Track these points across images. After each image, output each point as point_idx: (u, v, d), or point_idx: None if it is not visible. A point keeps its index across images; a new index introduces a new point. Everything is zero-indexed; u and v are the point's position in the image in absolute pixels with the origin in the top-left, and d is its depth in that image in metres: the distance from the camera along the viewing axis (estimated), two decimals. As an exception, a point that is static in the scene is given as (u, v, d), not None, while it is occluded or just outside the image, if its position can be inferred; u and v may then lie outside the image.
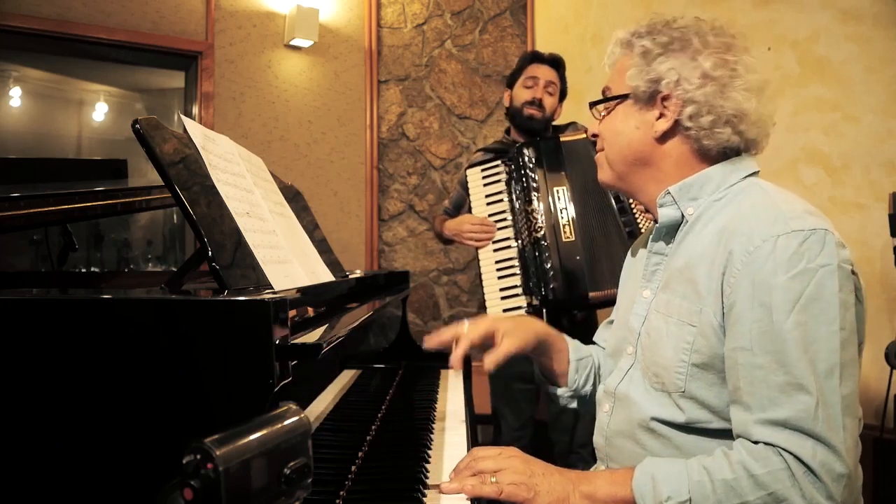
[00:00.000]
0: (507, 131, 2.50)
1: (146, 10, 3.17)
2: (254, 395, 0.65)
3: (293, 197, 1.38)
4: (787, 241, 0.88)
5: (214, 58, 3.30)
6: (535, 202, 2.06)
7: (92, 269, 3.92)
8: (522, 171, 2.08)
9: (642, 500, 0.89)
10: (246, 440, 0.56)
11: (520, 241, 2.09)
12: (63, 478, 0.67)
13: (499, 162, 2.15)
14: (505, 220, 2.14)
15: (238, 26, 3.37)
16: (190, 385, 0.66)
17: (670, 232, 1.07)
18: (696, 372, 0.95)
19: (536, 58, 2.40)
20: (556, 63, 2.37)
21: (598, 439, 1.14)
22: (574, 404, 1.27)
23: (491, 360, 1.11)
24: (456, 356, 1.11)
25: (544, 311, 2.03)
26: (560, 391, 1.26)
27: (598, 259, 2.00)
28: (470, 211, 2.23)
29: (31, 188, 1.47)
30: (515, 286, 2.08)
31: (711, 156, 1.04)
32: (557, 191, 2.05)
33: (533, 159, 2.08)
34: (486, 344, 1.15)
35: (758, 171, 1.05)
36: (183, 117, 1.00)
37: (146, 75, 4.35)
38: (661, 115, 1.04)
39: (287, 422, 0.62)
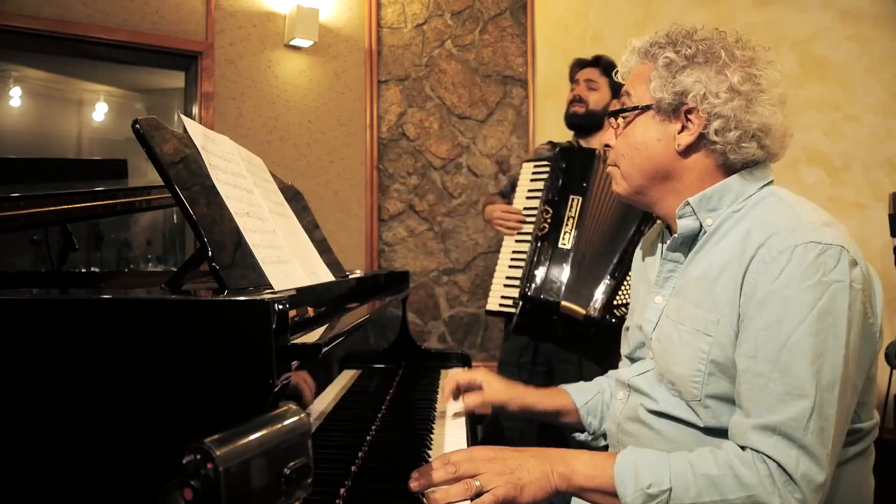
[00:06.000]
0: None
1: (146, 10, 3.17)
2: (254, 395, 0.65)
3: (293, 197, 1.38)
4: (804, 252, 0.88)
5: (214, 58, 3.30)
6: (549, 203, 2.13)
7: (92, 269, 3.92)
8: (554, 174, 2.17)
9: (623, 485, 0.89)
10: (246, 440, 0.56)
11: (533, 237, 2.17)
12: (63, 478, 0.67)
13: (548, 163, 2.23)
14: (533, 216, 2.22)
15: (238, 26, 3.37)
16: (190, 385, 0.66)
17: (686, 242, 1.06)
18: (713, 379, 0.96)
19: (577, 64, 2.47)
20: (596, 61, 2.42)
21: (610, 426, 1.15)
22: (602, 442, 1.28)
23: (473, 399, 1.31)
24: (445, 393, 1.37)
25: (521, 304, 2.10)
26: (581, 437, 1.29)
27: (584, 275, 2.05)
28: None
29: (31, 188, 1.47)
30: (518, 277, 2.18)
31: (735, 169, 1.04)
32: (572, 199, 2.11)
33: (563, 164, 2.16)
34: (473, 388, 1.33)
35: (772, 180, 1.05)
36: (183, 117, 1.00)
37: (146, 75, 4.35)
38: (684, 128, 1.03)
39: (287, 422, 0.62)
